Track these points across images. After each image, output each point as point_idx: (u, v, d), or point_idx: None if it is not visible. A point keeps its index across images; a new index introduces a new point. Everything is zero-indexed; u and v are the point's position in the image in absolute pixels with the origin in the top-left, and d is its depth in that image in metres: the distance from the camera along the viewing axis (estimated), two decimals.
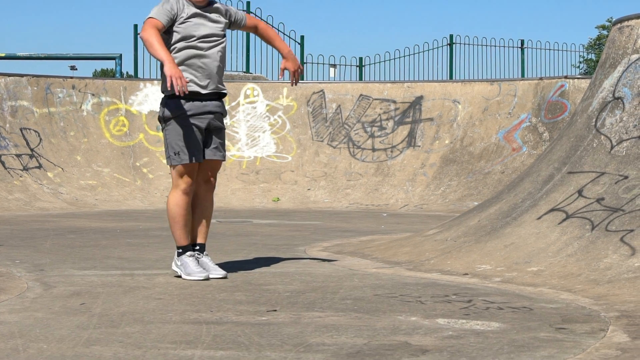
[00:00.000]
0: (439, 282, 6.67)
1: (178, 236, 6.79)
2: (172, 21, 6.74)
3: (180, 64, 6.71)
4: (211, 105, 6.84)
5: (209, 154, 6.90)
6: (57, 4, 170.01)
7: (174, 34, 6.76)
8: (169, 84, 6.49)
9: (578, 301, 5.76)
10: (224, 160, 7.07)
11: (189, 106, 6.74)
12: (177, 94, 6.50)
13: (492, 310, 5.43)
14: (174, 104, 6.74)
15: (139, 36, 6.85)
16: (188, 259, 6.75)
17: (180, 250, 6.80)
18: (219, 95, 6.92)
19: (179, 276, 6.78)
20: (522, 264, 6.98)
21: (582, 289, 6.13)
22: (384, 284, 6.55)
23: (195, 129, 6.76)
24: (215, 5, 6.98)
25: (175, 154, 6.74)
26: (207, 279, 6.66)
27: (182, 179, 6.76)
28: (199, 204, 6.92)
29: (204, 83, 6.79)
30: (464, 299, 5.81)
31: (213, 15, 6.91)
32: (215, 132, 6.91)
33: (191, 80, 6.74)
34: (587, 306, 5.57)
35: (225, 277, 6.77)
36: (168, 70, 6.46)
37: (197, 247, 6.90)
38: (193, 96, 6.74)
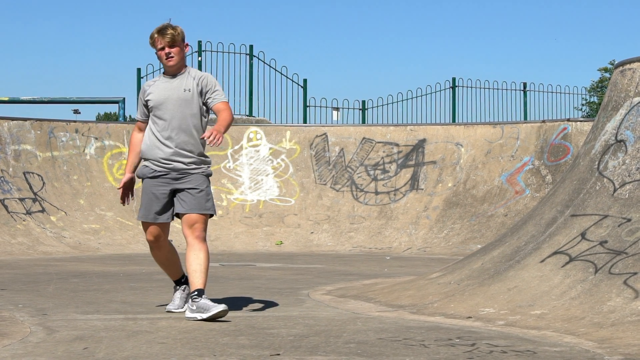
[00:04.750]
0: (443, 325, 6.66)
1: (168, 276, 7.57)
2: None
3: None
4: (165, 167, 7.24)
5: (177, 208, 7.18)
6: (60, 48, 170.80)
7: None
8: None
9: (582, 344, 5.74)
10: (191, 212, 7.13)
11: (146, 171, 7.26)
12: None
13: (496, 353, 5.41)
14: (141, 168, 7.32)
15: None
16: (175, 293, 7.47)
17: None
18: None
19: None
20: (526, 307, 6.97)
21: (585, 332, 6.11)
22: (387, 327, 6.54)
23: (151, 192, 7.20)
24: None
25: (139, 210, 7.34)
26: (181, 308, 7.29)
27: (145, 233, 7.33)
28: (190, 251, 7.09)
29: None
30: (467, 343, 5.80)
31: None
32: (182, 190, 7.18)
33: None
34: (591, 349, 5.56)
35: (226, 309, 6.80)
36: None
37: (196, 293, 6.89)
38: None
